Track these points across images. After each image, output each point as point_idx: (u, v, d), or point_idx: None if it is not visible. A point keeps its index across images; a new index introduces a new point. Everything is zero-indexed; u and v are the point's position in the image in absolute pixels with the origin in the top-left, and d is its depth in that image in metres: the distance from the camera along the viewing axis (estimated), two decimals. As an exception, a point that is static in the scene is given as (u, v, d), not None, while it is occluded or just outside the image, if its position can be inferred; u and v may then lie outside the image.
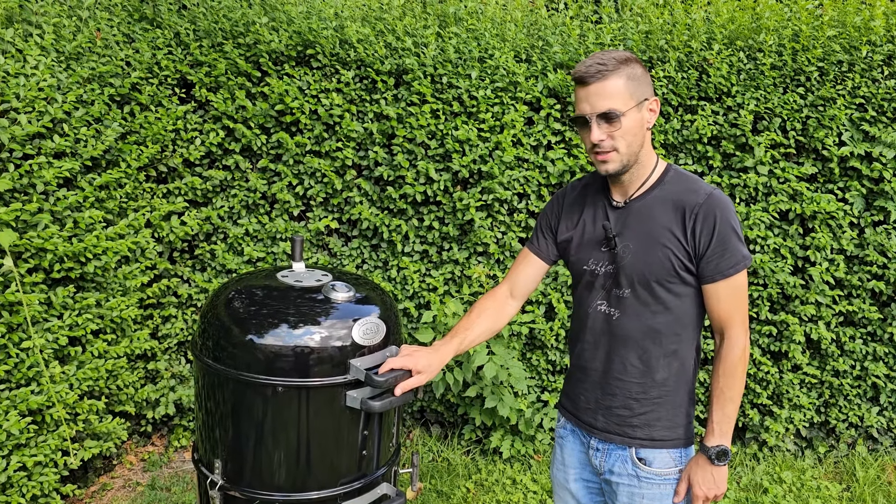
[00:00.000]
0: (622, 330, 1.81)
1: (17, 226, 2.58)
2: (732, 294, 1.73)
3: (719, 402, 1.77)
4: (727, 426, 1.77)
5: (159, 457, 3.58)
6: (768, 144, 3.42)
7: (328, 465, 1.90)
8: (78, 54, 3.03)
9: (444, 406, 3.81)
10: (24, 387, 2.69)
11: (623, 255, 1.77)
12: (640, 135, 1.71)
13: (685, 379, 1.83)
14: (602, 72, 1.64)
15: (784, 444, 3.87)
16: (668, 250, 1.72)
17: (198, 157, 3.44)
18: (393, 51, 3.44)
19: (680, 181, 1.77)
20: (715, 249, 1.69)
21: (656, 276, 1.74)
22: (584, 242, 1.87)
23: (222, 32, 3.45)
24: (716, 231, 1.68)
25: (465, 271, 3.59)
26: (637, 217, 1.78)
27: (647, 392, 1.82)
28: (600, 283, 1.84)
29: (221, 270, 3.59)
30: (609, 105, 1.66)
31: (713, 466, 1.77)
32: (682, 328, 1.79)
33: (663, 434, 1.83)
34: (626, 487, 1.85)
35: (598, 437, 1.89)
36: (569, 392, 2.01)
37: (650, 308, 1.77)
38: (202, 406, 1.96)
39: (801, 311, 3.57)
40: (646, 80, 1.69)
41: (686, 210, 1.71)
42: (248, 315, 1.86)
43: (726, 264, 1.70)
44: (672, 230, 1.72)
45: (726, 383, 1.76)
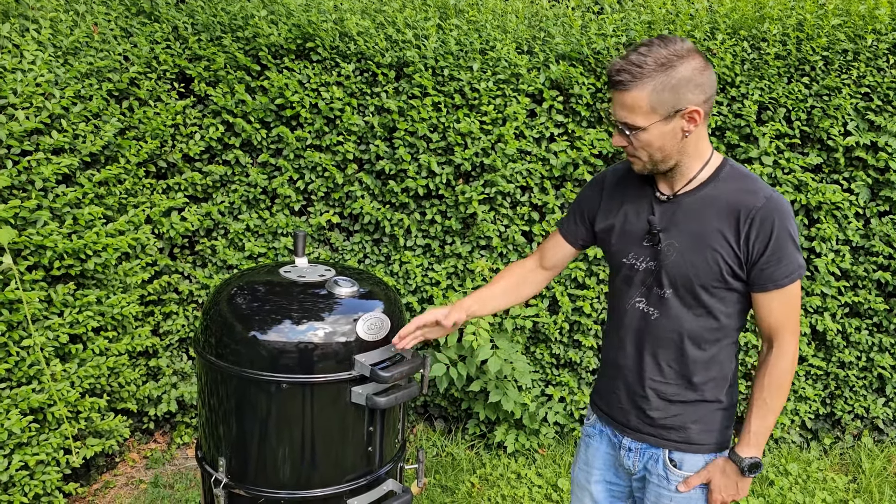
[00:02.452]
0: (660, 331, 1.73)
1: (15, 223, 2.55)
2: (784, 304, 1.63)
3: (760, 412, 1.68)
4: (763, 438, 1.70)
5: (162, 454, 3.56)
6: (773, 135, 3.39)
7: (333, 462, 1.88)
8: (75, 49, 3.00)
9: (448, 401, 3.79)
10: (25, 385, 2.67)
11: (667, 253, 1.67)
12: (668, 145, 1.59)
13: (724, 383, 1.75)
14: (626, 81, 1.52)
15: (789, 436, 3.85)
16: (718, 254, 1.61)
17: (197, 153, 3.41)
18: (393, 43, 3.41)
19: (737, 179, 1.65)
20: (770, 258, 1.58)
21: (701, 280, 1.64)
22: (625, 234, 1.77)
23: (221, 26, 3.41)
24: (772, 238, 1.57)
25: (468, 265, 3.56)
26: (686, 214, 1.66)
27: (682, 394, 1.74)
28: (640, 279, 1.74)
29: (222, 266, 3.57)
30: (627, 118, 1.57)
31: (741, 477, 1.71)
32: (724, 334, 1.70)
33: (700, 437, 1.75)
34: (655, 487, 1.80)
35: (632, 436, 1.83)
36: (601, 389, 1.94)
37: (692, 311, 1.68)
38: (205, 403, 1.94)
39: (806, 302, 3.55)
40: (690, 85, 1.53)
41: (741, 213, 1.59)
42: (251, 311, 1.84)
43: (781, 273, 1.59)
44: (724, 233, 1.61)
45: (770, 394, 1.67)
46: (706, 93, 1.57)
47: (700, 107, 1.56)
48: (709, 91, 1.57)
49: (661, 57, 1.51)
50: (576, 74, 3.35)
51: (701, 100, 1.56)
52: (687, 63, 1.53)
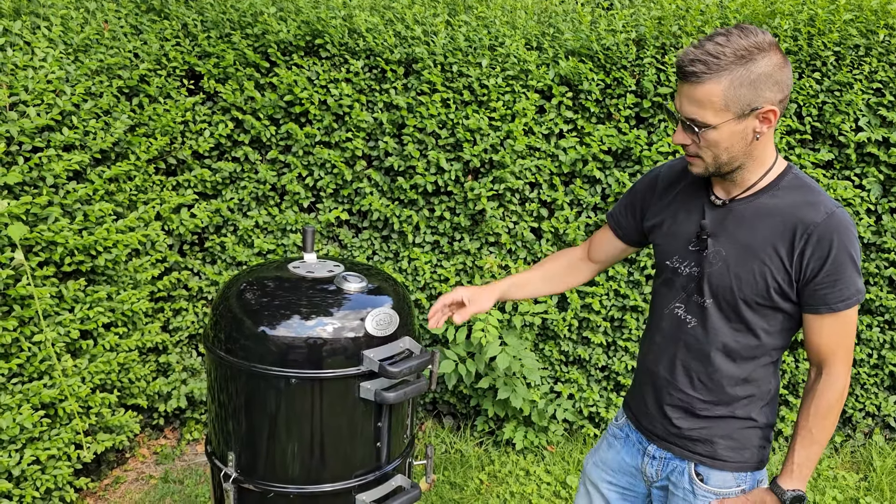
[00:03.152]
0: (695, 341, 1.64)
1: (27, 219, 2.57)
2: (837, 330, 1.52)
3: (804, 442, 1.58)
4: (808, 470, 1.59)
5: (172, 450, 3.58)
6: (784, 131, 3.37)
7: (342, 457, 1.89)
8: (86, 46, 3.01)
9: (457, 397, 3.79)
10: (37, 380, 2.68)
11: (713, 260, 1.57)
12: (736, 147, 1.47)
13: (760, 402, 1.66)
14: (700, 73, 1.39)
15: (800, 434, 3.83)
16: (767, 269, 1.50)
17: (207, 149, 3.42)
18: (402, 40, 3.41)
19: (798, 190, 1.52)
20: (825, 279, 1.46)
21: (744, 294, 1.54)
22: (673, 235, 1.68)
23: (230, 23, 3.42)
24: (830, 258, 1.45)
25: (477, 262, 3.56)
26: (738, 222, 1.55)
27: (710, 409, 1.66)
28: (681, 283, 1.66)
29: (232, 263, 3.58)
30: (695, 114, 1.44)
31: None
32: (763, 352, 1.60)
33: (727, 455, 1.67)
34: (681, 500, 1.73)
35: (657, 444, 1.76)
36: (634, 392, 1.88)
37: (731, 325, 1.58)
38: (215, 399, 1.95)
39: (817, 299, 3.52)
40: (769, 81, 1.40)
41: (798, 228, 1.47)
42: (261, 307, 1.84)
43: (836, 297, 1.48)
44: (776, 247, 1.49)
45: (816, 423, 1.56)
46: (783, 91, 1.44)
47: (777, 106, 1.43)
48: (786, 90, 1.45)
49: (740, 48, 1.38)
50: (585, 70, 3.34)
51: (778, 99, 1.43)
52: (768, 57, 1.40)
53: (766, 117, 1.44)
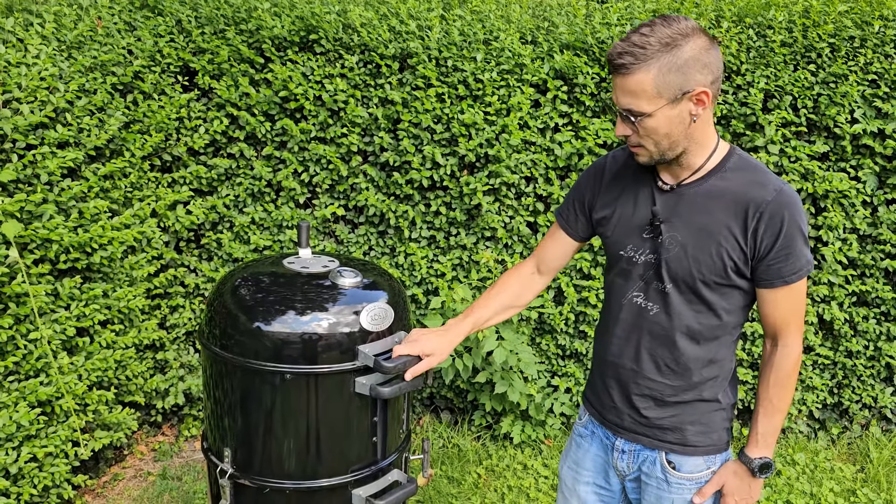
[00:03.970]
0: (658, 327, 1.66)
1: (21, 217, 2.56)
2: (791, 300, 1.58)
3: (766, 411, 1.64)
4: (772, 438, 1.65)
5: (170, 446, 3.58)
6: (779, 123, 3.37)
7: (338, 452, 1.89)
8: (79, 43, 3.00)
9: (454, 392, 3.79)
10: (33, 378, 2.68)
11: (669, 246, 1.60)
12: (675, 132, 1.50)
13: (723, 383, 1.70)
14: (628, 64, 1.43)
15: (797, 426, 3.84)
16: (723, 249, 1.54)
17: (202, 146, 3.41)
18: (397, 35, 3.40)
19: (746, 171, 1.56)
20: (779, 253, 1.52)
21: (703, 275, 1.57)
22: (624, 224, 1.69)
23: (224, 19, 3.41)
24: (782, 233, 1.50)
25: (474, 256, 3.56)
26: (690, 206, 1.58)
27: (679, 395, 1.68)
28: (638, 272, 1.67)
29: (228, 259, 3.58)
30: (631, 104, 1.48)
31: (752, 479, 1.67)
32: (724, 331, 1.64)
33: (696, 439, 1.70)
34: (655, 490, 1.74)
35: (625, 437, 1.77)
36: (593, 387, 1.88)
37: (692, 307, 1.62)
38: (210, 395, 1.95)
39: (813, 291, 3.53)
40: (697, 65, 1.43)
41: (750, 207, 1.51)
42: (255, 302, 1.84)
43: (789, 269, 1.53)
44: (730, 227, 1.53)
45: (776, 393, 1.63)
46: (713, 73, 1.47)
47: (708, 88, 1.46)
48: (716, 71, 1.48)
49: (664, 36, 1.42)
50: (580, 64, 3.33)
51: (709, 80, 1.46)
52: (692, 42, 1.44)
53: (700, 99, 1.47)
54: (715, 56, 1.47)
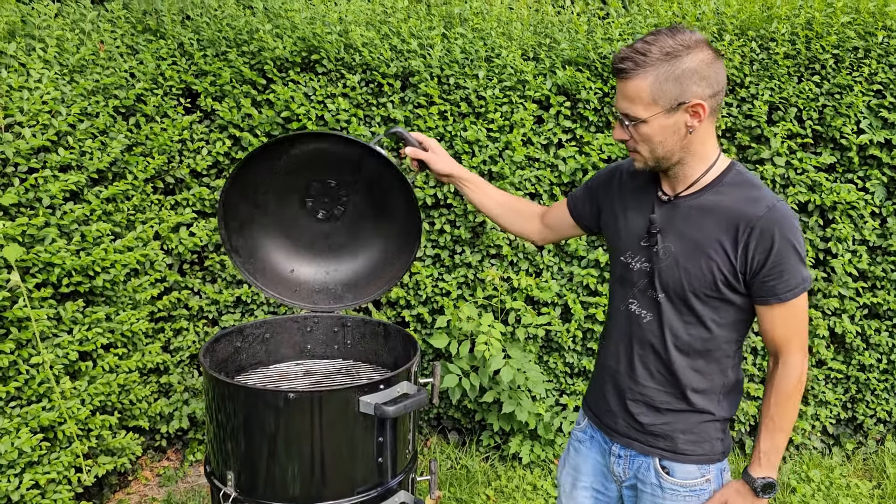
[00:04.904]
0: (651, 335, 1.68)
1: (23, 240, 2.55)
2: (789, 318, 1.57)
3: (768, 430, 1.64)
4: (775, 457, 1.65)
5: (174, 471, 3.53)
6: (784, 135, 3.35)
7: (343, 473, 1.85)
8: (82, 67, 3.01)
9: (461, 412, 3.75)
10: (36, 403, 2.65)
11: (663, 256, 1.62)
12: (669, 141, 1.53)
13: (717, 396, 1.70)
14: (628, 70, 1.48)
15: (811, 442, 3.78)
16: (713, 263, 1.55)
17: (205, 168, 3.41)
18: (398, 53, 3.40)
19: (741, 187, 1.57)
20: (771, 270, 1.51)
21: (693, 287, 1.59)
22: (625, 231, 1.73)
23: (226, 41, 3.42)
24: (773, 250, 1.50)
25: (479, 274, 3.53)
26: (685, 218, 1.60)
27: (671, 402, 1.70)
28: (634, 279, 1.70)
29: (232, 281, 3.56)
30: (627, 109, 1.52)
31: (756, 499, 1.65)
32: (715, 345, 1.64)
33: (687, 447, 1.70)
34: (650, 497, 1.75)
35: (620, 442, 1.79)
36: (593, 391, 1.90)
37: (683, 318, 1.63)
38: (213, 418, 1.92)
39: (824, 304, 3.49)
40: (695, 77, 1.47)
41: (741, 223, 1.52)
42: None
43: (783, 287, 1.53)
44: (721, 242, 1.54)
45: (777, 412, 1.62)
46: (713, 87, 1.50)
47: (705, 101, 1.49)
48: (716, 86, 1.50)
49: (666, 46, 1.46)
50: (582, 79, 3.33)
51: (707, 94, 1.49)
52: (694, 54, 1.47)
53: (696, 111, 1.50)
54: (717, 70, 1.50)
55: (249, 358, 2.31)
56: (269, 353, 2.36)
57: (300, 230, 2.33)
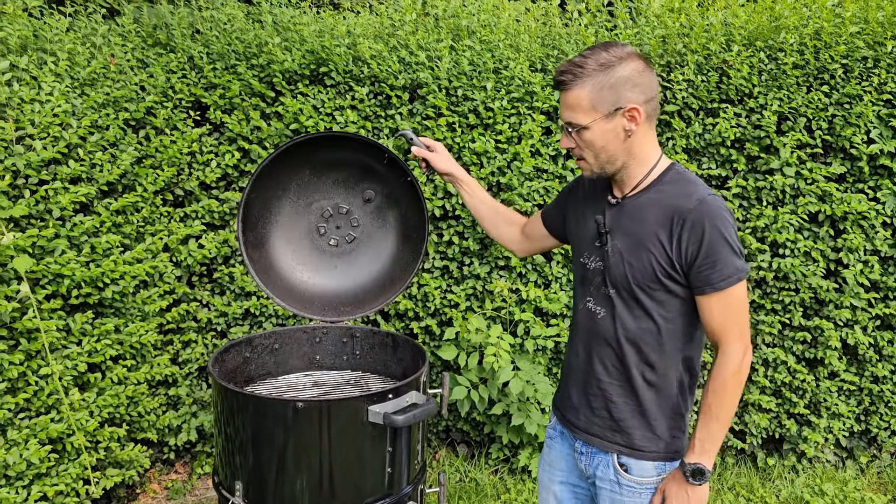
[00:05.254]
0: (605, 330, 1.77)
1: (33, 252, 2.56)
2: (726, 308, 1.63)
3: (704, 419, 1.68)
4: (710, 445, 1.67)
5: (182, 484, 3.52)
6: (794, 145, 3.33)
7: (352, 484, 1.84)
8: (92, 80, 3.03)
9: (470, 425, 3.72)
10: (44, 415, 2.65)
11: (611, 253, 1.73)
12: (611, 146, 1.66)
13: (668, 393, 1.75)
14: (567, 81, 1.62)
15: (824, 455, 3.73)
16: (652, 255, 1.66)
17: (214, 180, 3.42)
18: (406, 65, 3.41)
19: (678, 183, 1.69)
20: (704, 261, 1.60)
21: (637, 280, 1.68)
22: (582, 234, 1.85)
23: (235, 54, 3.44)
24: (704, 241, 1.59)
25: (487, 286, 3.52)
26: (629, 217, 1.72)
27: (626, 398, 1.76)
28: (589, 278, 1.81)
29: (240, 294, 3.56)
30: (570, 117, 1.65)
31: (688, 484, 1.68)
32: (666, 339, 1.71)
33: (642, 444, 1.76)
34: (609, 493, 1.80)
35: (581, 438, 1.85)
36: (560, 389, 1.98)
37: (632, 312, 1.72)
38: (221, 428, 1.91)
39: (835, 315, 3.45)
40: (629, 84, 1.60)
41: (675, 216, 1.63)
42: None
43: (717, 277, 1.61)
44: (658, 235, 1.65)
45: (714, 400, 1.66)
46: (646, 94, 1.63)
47: (640, 106, 1.62)
48: (649, 92, 1.64)
49: (601, 58, 1.60)
50: (590, 90, 3.32)
51: (641, 99, 1.62)
52: (626, 64, 1.61)
53: (632, 115, 1.63)
54: (648, 78, 1.64)
55: (258, 368, 2.30)
56: (277, 363, 2.35)
57: (312, 243, 2.37)
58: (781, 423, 3.63)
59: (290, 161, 2.22)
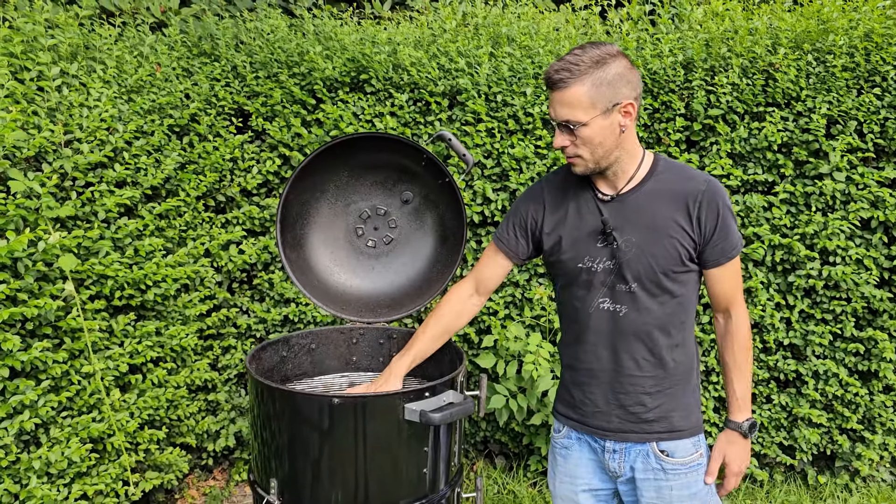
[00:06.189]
0: (631, 325, 1.78)
1: (78, 252, 2.60)
2: (734, 274, 1.78)
3: (738, 374, 1.81)
4: (749, 399, 1.82)
5: (220, 491, 3.53)
6: (844, 149, 3.23)
7: (387, 483, 1.81)
8: (139, 87, 3.10)
9: (509, 436, 3.66)
10: (86, 414, 2.68)
11: (626, 249, 1.74)
12: (608, 141, 1.68)
13: (691, 364, 1.84)
14: (564, 79, 1.62)
15: (879, 474, 3.57)
16: (675, 240, 1.71)
17: (255, 186, 3.46)
18: (446, 72, 3.41)
19: (674, 171, 1.78)
20: (720, 234, 1.72)
21: (663, 268, 1.73)
22: (577, 239, 1.81)
23: (277, 63, 3.49)
24: (720, 216, 1.71)
25: (527, 294, 3.47)
26: (635, 210, 1.75)
27: (660, 384, 1.80)
28: (600, 280, 1.78)
29: (280, 300, 3.57)
30: (568, 115, 1.65)
31: (745, 440, 1.82)
32: (686, 315, 1.81)
33: (681, 424, 1.81)
34: (653, 483, 1.81)
35: (614, 438, 1.84)
36: (569, 399, 1.93)
37: (658, 299, 1.76)
38: (257, 429, 1.90)
39: (890, 326, 3.31)
40: (623, 80, 1.64)
41: (689, 198, 1.71)
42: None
43: (729, 246, 1.74)
44: (676, 219, 1.72)
45: (743, 357, 1.81)
46: (636, 90, 1.68)
47: (634, 101, 1.67)
48: (637, 89, 1.69)
49: (595, 55, 1.62)
50: (632, 95, 3.28)
51: (633, 95, 1.67)
52: (617, 61, 1.64)
53: (627, 111, 1.67)
54: (635, 76, 1.69)
55: (295, 368, 2.30)
56: (314, 364, 2.34)
57: (350, 244, 2.37)
58: (833, 439, 3.48)
59: (329, 162, 2.22)
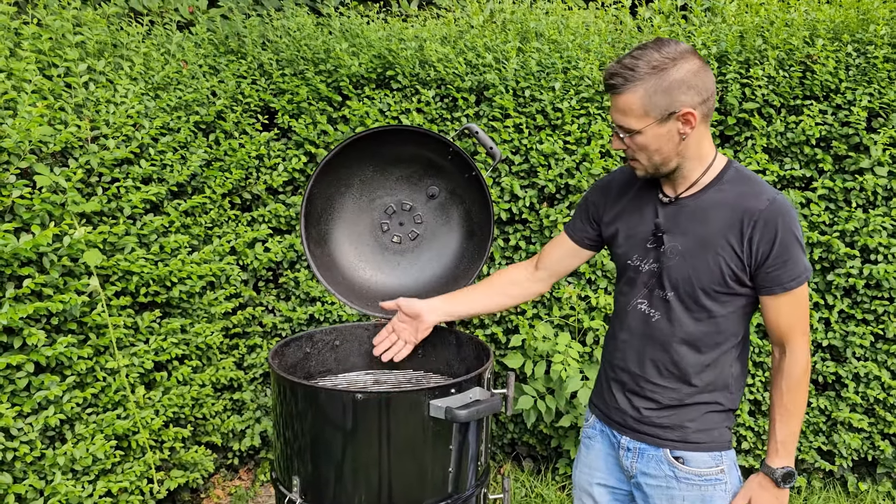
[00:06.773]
0: (660, 333, 1.72)
1: (104, 248, 2.60)
2: (794, 307, 1.63)
3: (784, 419, 1.68)
4: (792, 445, 1.68)
5: (245, 491, 3.50)
6: (886, 143, 3.11)
7: (412, 482, 1.76)
8: (165, 84, 3.09)
9: (537, 438, 3.59)
10: (111, 411, 2.67)
11: (670, 255, 1.68)
12: (665, 148, 1.60)
13: (723, 388, 1.73)
14: (618, 85, 1.55)
15: (924, 483, 3.43)
16: (720, 258, 1.61)
17: (281, 184, 3.44)
18: (473, 68, 3.36)
19: (741, 183, 1.65)
20: (775, 260, 1.58)
21: (702, 284, 1.64)
22: (631, 236, 1.77)
23: (304, 60, 3.47)
24: (777, 241, 1.57)
25: (555, 293, 3.40)
26: (690, 217, 1.67)
27: (680, 398, 1.73)
28: (642, 280, 1.74)
29: (306, 299, 3.55)
30: (622, 121, 1.59)
31: (778, 489, 1.68)
32: (724, 339, 1.69)
33: (697, 437, 1.73)
34: (664, 490, 1.75)
35: (630, 436, 1.80)
36: (600, 390, 1.93)
37: (692, 314, 1.67)
38: (280, 426, 1.86)
39: (936, 329, 3.19)
40: (683, 87, 1.53)
41: (745, 216, 1.59)
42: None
43: (788, 276, 1.59)
44: (727, 237, 1.61)
45: (790, 399, 1.67)
46: (702, 95, 1.56)
47: (695, 109, 1.56)
48: (705, 93, 1.57)
49: (653, 60, 1.53)
50: (664, 89, 3.20)
51: (696, 101, 1.56)
52: (681, 65, 1.54)
53: (687, 119, 1.56)
54: (703, 79, 1.56)
55: (318, 365, 2.26)
56: (338, 360, 2.30)
57: (375, 240, 2.34)
58: (875, 445, 3.36)
59: (354, 157, 2.19)
